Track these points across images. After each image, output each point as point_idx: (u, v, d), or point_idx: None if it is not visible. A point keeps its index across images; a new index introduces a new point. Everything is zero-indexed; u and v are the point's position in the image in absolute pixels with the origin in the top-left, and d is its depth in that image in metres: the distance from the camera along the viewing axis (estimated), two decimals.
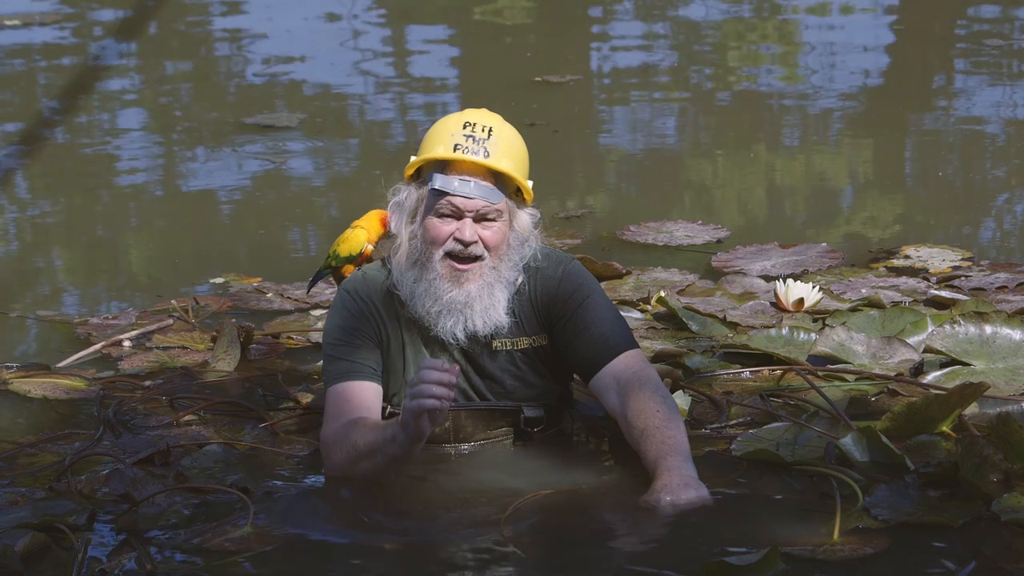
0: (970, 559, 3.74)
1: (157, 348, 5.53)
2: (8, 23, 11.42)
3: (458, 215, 4.26)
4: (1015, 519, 3.86)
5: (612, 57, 10.50)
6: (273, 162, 8.05)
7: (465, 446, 4.41)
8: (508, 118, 4.39)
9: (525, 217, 4.34)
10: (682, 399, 4.71)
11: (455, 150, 4.25)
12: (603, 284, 5.86)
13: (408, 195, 4.34)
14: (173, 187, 7.84)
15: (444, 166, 4.27)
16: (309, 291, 5.23)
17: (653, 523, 3.96)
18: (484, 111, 4.35)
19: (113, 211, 7.46)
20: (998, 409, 4.47)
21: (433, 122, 4.39)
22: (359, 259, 4.62)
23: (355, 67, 10.28)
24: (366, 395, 4.29)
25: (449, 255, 4.27)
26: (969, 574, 3.67)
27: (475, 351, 4.36)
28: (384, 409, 4.35)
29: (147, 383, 5.14)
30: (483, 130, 4.27)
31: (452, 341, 4.31)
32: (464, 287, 4.28)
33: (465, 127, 4.27)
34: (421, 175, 4.33)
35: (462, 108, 4.49)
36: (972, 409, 4.53)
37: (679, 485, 4.01)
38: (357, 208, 5.20)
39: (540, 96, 9.20)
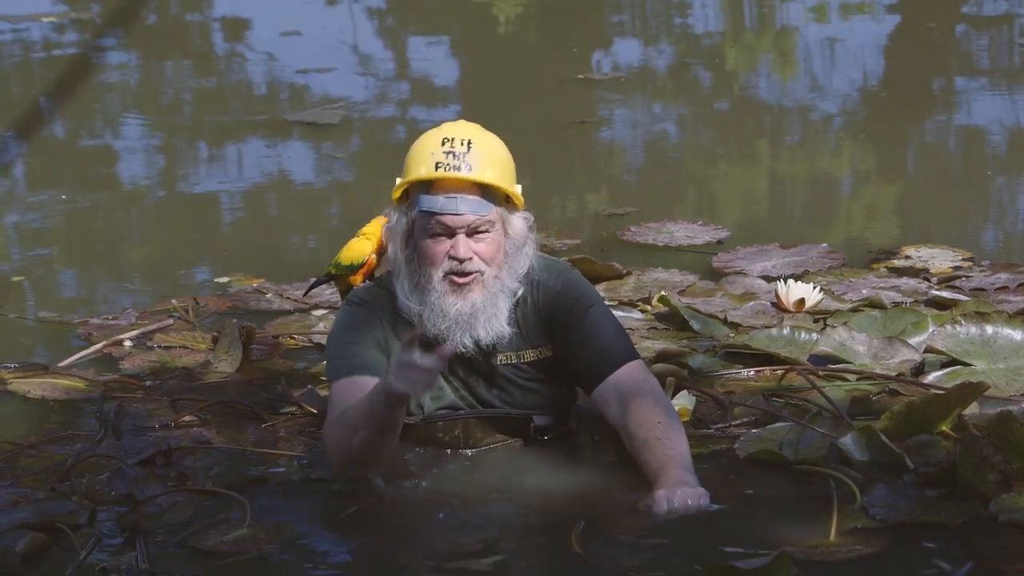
0: (967, 559, 3.73)
1: (159, 348, 5.53)
2: (44, 19, 11.46)
3: (450, 233, 4.23)
4: (1013, 519, 3.85)
5: (614, 56, 10.50)
6: (336, 157, 8.07)
7: (472, 451, 4.41)
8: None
9: (519, 222, 4.30)
10: (686, 399, 4.72)
11: (436, 168, 4.21)
12: (603, 285, 5.90)
13: (398, 219, 4.30)
14: (177, 186, 7.85)
15: (428, 186, 4.23)
16: (306, 294, 5.24)
17: (652, 524, 3.97)
18: (461, 123, 4.31)
19: (114, 210, 7.47)
20: (999, 409, 4.47)
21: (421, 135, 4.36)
22: (361, 269, 4.59)
23: (387, 71, 10.27)
24: (367, 389, 4.22)
25: (448, 273, 4.26)
26: (966, 574, 3.68)
27: (482, 366, 4.35)
28: None
29: (148, 383, 5.15)
30: (462, 144, 4.22)
31: (463, 350, 4.28)
32: (468, 297, 4.25)
33: (443, 144, 4.23)
34: (408, 197, 4.29)
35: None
36: (973, 409, 4.53)
37: (676, 485, 4.02)
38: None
39: (583, 93, 9.19)
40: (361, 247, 4.57)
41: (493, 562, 3.88)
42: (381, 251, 4.55)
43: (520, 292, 4.33)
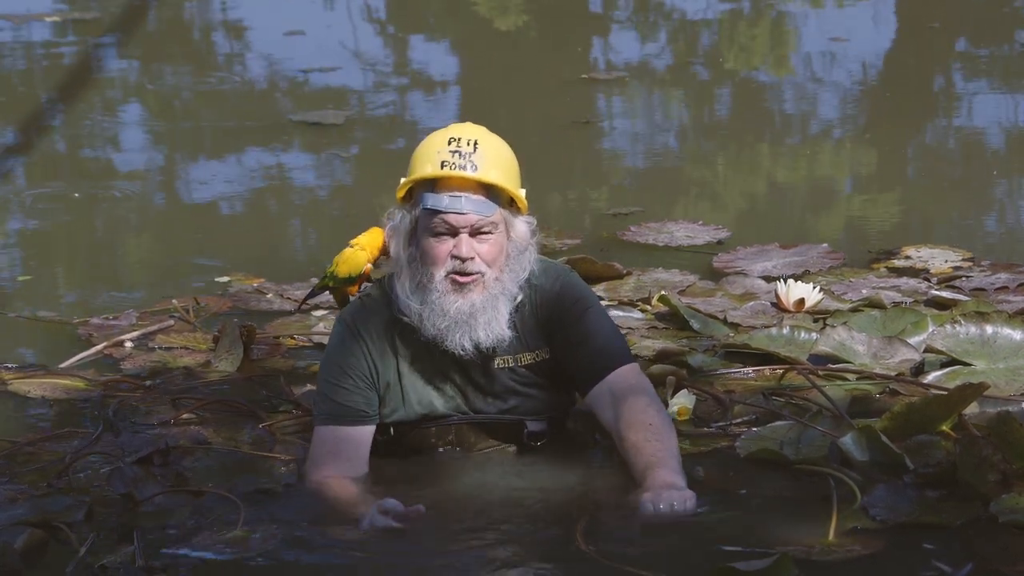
0: (967, 560, 3.73)
1: (160, 348, 5.53)
2: (48, 19, 11.47)
3: (453, 232, 4.22)
4: (1013, 520, 3.85)
5: (614, 55, 10.50)
6: (341, 156, 8.07)
7: (466, 457, 4.41)
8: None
9: (522, 226, 4.30)
10: (686, 398, 4.72)
11: (442, 167, 4.21)
12: (603, 285, 5.91)
13: (402, 218, 4.29)
14: (179, 186, 7.85)
15: (433, 184, 4.23)
16: (300, 306, 5.24)
17: (649, 525, 3.96)
18: (468, 125, 4.31)
19: (116, 209, 7.47)
20: (999, 409, 4.47)
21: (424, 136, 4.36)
22: (359, 280, 4.60)
23: (389, 71, 10.27)
24: (350, 442, 4.29)
25: (450, 273, 4.25)
26: None
27: (477, 370, 4.34)
28: (387, 428, 4.37)
29: (148, 383, 5.16)
30: (468, 144, 4.22)
31: (461, 352, 4.28)
32: (468, 297, 4.24)
33: (450, 143, 4.23)
34: (412, 197, 4.29)
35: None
36: (972, 409, 4.53)
37: (662, 488, 4.02)
38: None
39: (587, 93, 9.19)
40: (356, 259, 4.57)
41: (493, 561, 3.88)
42: (375, 262, 4.56)
43: (519, 297, 4.33)
